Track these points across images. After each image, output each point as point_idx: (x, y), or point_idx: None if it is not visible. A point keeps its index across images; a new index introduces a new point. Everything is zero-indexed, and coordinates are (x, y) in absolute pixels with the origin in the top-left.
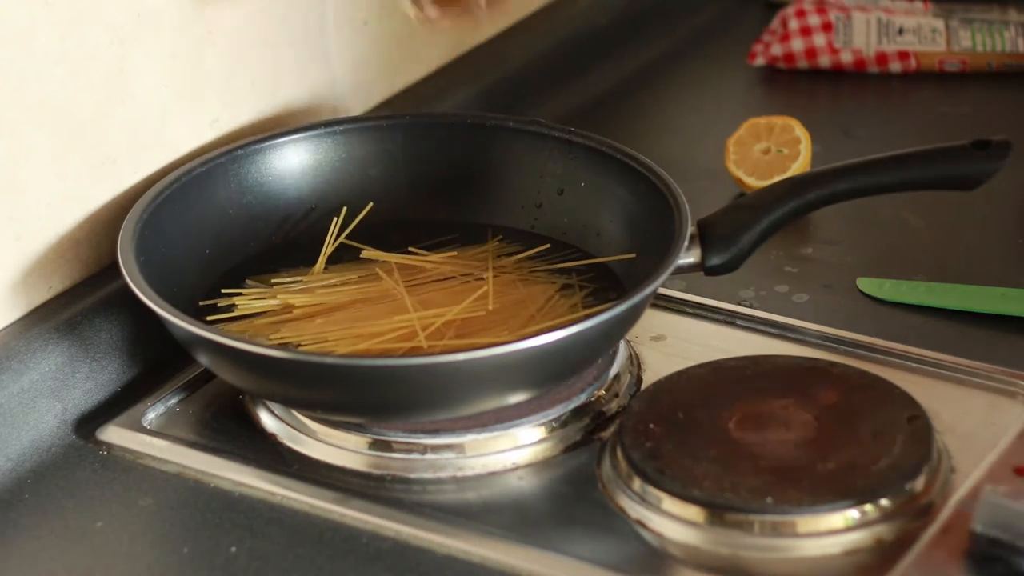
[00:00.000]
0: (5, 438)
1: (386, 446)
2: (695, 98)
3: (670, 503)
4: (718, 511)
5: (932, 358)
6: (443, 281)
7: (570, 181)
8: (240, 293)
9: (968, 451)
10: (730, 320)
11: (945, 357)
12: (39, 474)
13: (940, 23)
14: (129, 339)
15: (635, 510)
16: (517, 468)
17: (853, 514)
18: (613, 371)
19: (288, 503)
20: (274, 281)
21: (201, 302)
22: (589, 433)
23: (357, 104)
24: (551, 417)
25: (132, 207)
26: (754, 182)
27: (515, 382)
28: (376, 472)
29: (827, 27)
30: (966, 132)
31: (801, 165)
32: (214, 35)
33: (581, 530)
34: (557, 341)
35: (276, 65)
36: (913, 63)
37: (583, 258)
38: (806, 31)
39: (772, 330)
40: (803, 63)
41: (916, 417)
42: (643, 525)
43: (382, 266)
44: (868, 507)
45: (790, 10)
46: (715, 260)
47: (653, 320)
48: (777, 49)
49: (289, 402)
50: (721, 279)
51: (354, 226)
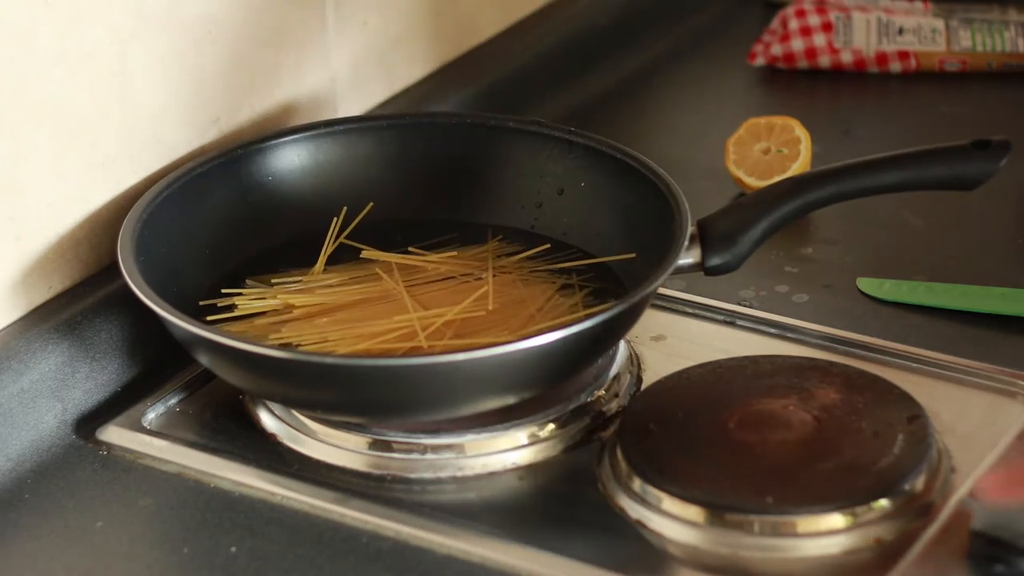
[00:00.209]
0: (5, 438)
1: (386, 446)
2: (695, 98)
3: (670, 503)
4: (718, 511)
5: (932, 358)
6: (443, 281)
7: (570, 181)
8: (240, 293)
9: (968, 451)
10: (730, 320)
11: (945, 357)
12: (39, 474)
13: (940, 23)
14: (129, 339)
15: (635, 510)
16: (517, 468)
17: (853, 514)
18: (613, 371)
19: (288, 503)
20: (274, 281)
21: (201, 302)
22: (589, 433)
23: (357, 104)
24: (551, 417)
25: (132, 207)
26: (754, 182)
27: (515, 382)
28: (376, 472)
29: (827, 27)
30: (966, 132)
31: (801, 165)
32: (214, 35)
33: (581, 530)
34: (557, 341)
35: (276, 65)
36: (913, 63)
37: (583, 258)
38: (806, 31)
39: (772, 330)
40: (803, 63)
41: (916, 417)
42: (643, 525)
43: (382, 266)
44: (868, 507)
45: (790, 10)
46: (715, 260)
47: (653, 320)
48: (777, 49)
49: (289, 402)
50: (721, 279)
51: (354, 226)
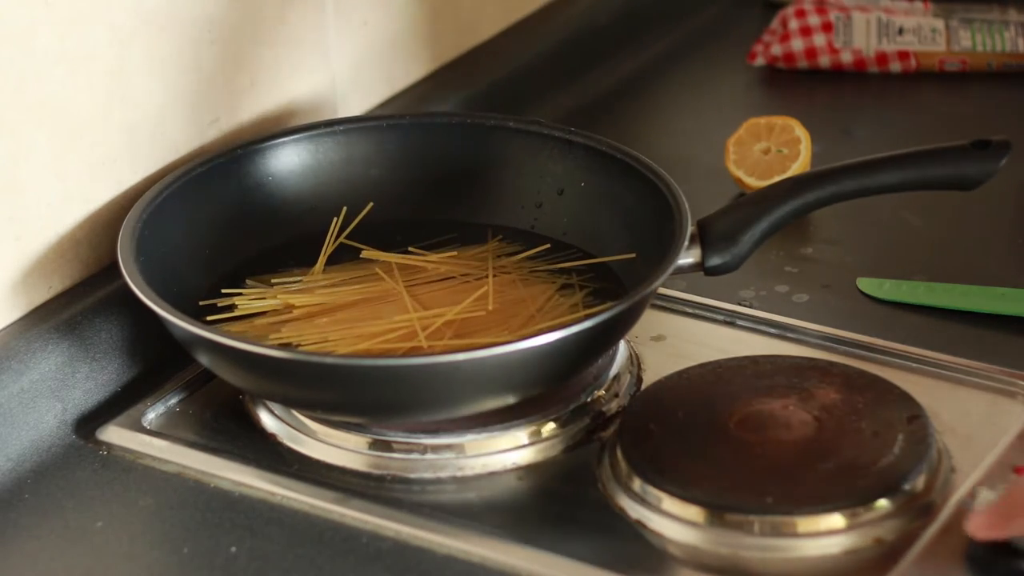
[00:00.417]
0: (5, 438)
1: (386, 446)
2: (695, 98)
3: (670, 503)
4: (718, 511)
5: (932, 358)
6: (443, 281)
7: (570, 181)
8: (240, 293)
9: (968, 451)
10: (730, 320)
11: (945, 357)
12: (39, 474)
13: (940, 23)
14: (129, 339)
15: (635, 510)
16: (517, 468)
17: (853, 514)
18: (613, 371)
19: (288, 503)
20: (274, 281)
21: (201, 302)
22: (589, 433)
23: (357, 104)
24: (551, 417)
25: (132, 207)
26: (754, 182)
27: (515, 382)
28: (376, 472)
29: (827, 27)
30: (966, 132)
31: (801, 165)
32: (214, 35)
33: (581, 530)
34: (557, 341)
35: (276, 65)
36: (913, 63)
37: (583, 258)
38: (806, 31)
39: (772, 330)
40: (803, 63)
41: (916, 417)
42: (643, 525)
43: (382, 266)
44: (868, 507)
45: (790, 10)
46: (715, 260)
47: (653, 320)
48: (777, 49)
49: (289, 402)
50: (721, 279)
51: (354, 226)
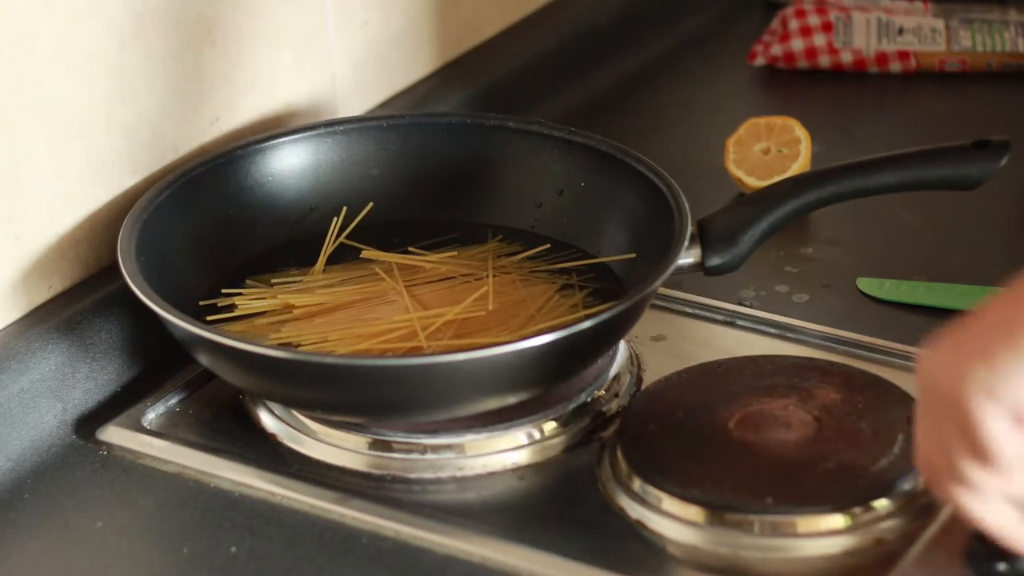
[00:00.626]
0: (5, 438)
1: (386, 446)
2: (695, 98)
3: (670, 503)
4: (718, 511)
5: None
6: (443, 281)
7: (570, 181)
8: (240, 293)
9: None
10: (730, 320)
11: None
12: (39, 474)
13: (940, 23)
14: (129, 339)
15: (635, 510)
16: (517, 468)
17: (853, 514)
18: (613, 371)
19: (288, 503)
20: (274, 281)
21: (201, 302)
22: (589, 433)
23: (357, 104)
24: (551, 417)
25: (132, 207)
26: (754, 182)
27: (515, 382)
28: (376, 472)
29: (827, 27)
30: (966, 132)
31: (801, 165)
32: (214, 35)
33: (581, 530)
34: (557, 341)
35: (276, 65)
36: (913, 63)
37: (583, 258)
38: (806, 31)
39: (772, 330)
40: (803, 63)
41: None
42: (643, 525)
43: (382, 266)
44: (868, 507)
45: (790, 10)
46: (715, 260)
47: (653, 320)
48: (777, 49)
49: (289, 402)
50: (721, 279)
51: (354, 226)
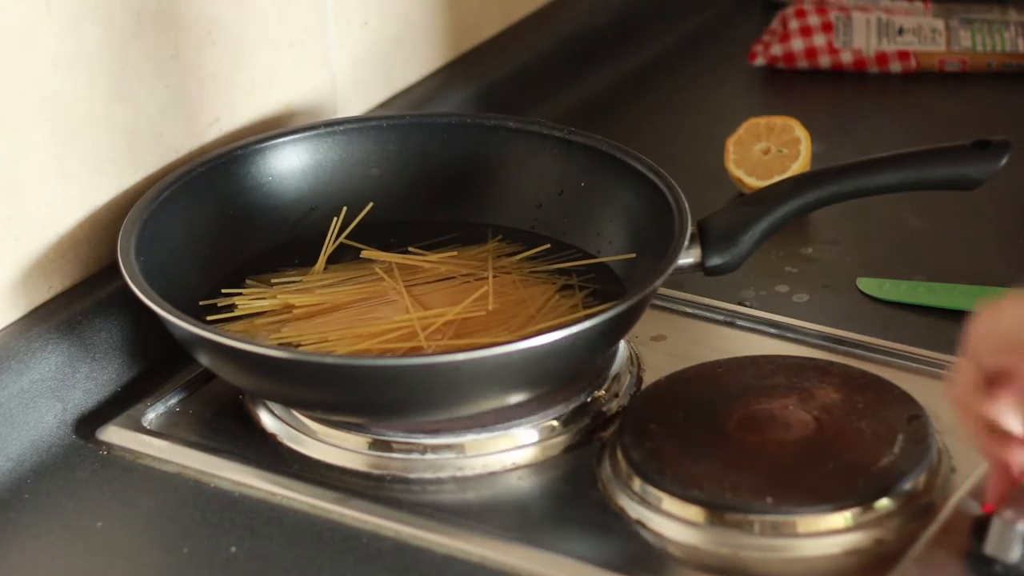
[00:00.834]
0: (5, 438)
1: (386, 446)
2: (695, 98)
3: (670, 503)
4: (718, 511)
5: (932, 358)
6: (443, 281)
7: (570, 181)
8: (240, 293)
9: (968, 451)
10: (730, 320)
11: (945, 357)
12: (39, 474)
13: (940, 23)
14: (129, 339)
15: (635, 510)
16: (517, 468)
17: (853, 514)
18: (613, 371)
19: (288, 503)
20: (274, 281)
21: (201, 302)
22: (589, 433)
23: (357, 104)
24: (551, 417)
25: (132, 207)
26: (754, 182)
27: (515, 382)
28: (376, 472)
29: (827, 27)
30: (966, 132)
31: (801, 165)
32: (214, 35)
33: (581, 530)
34: (557, 341)
35: (276, 65)
36: (913, 63)
37: (583, 258)
38: (806, 31)
39: (772, 330)
40: (803, 63)
41: (916, 417)
42: (643, 525)
43: (382, 266)
44: (868, 507)
45: (790, 10)
46: (715, 260)
47: (653, 320)
48: (777, 49)
49: (289, 402)
50: (721, 279)
51: (354, 226)
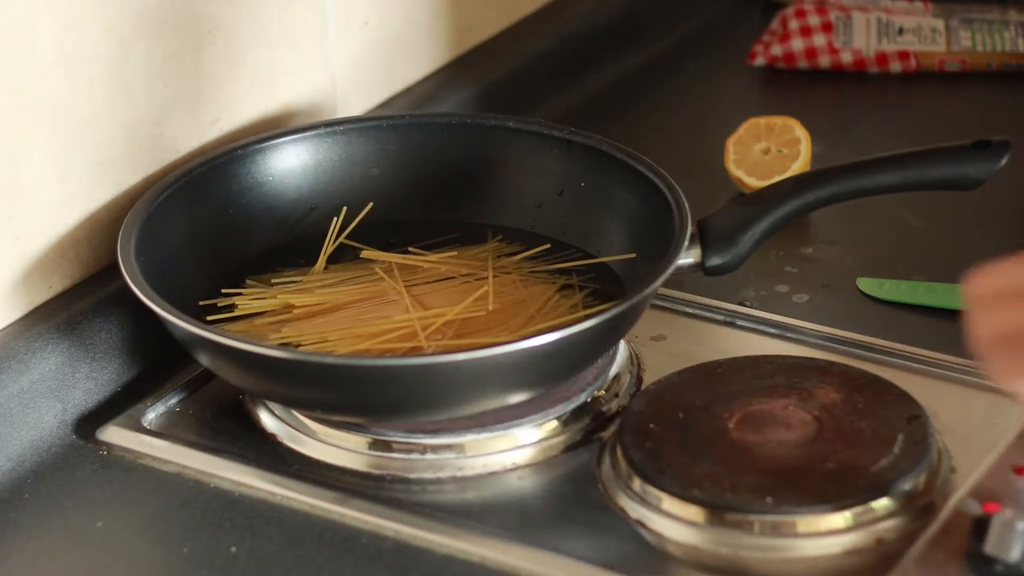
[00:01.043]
0: (5, 438)
1: (386, 446)
2: (695, 98)
3: (670, 503)
4: (718, 511)
5: (932, 358)
6: (443, 281)
7: (570, 181)
8: (240, 293)
9: (968, 451)
10: (730, 320)
11: (945, 357)
12: (39, 474)
13: (940, 23)
14: (129, 339)
15: (635, 510)
16: (517, 468)
17: (853, 514)
18: (613, 371)
19: (288, 503)
20: (274, 281)
21: (201, 302)
22: (589, 433)
23: (357, 104)
24: (551, 417)
25: (132, 207)
26: (754, 182)
27: (515, 382)
28: (376, 472)
29: (827, 27)
30: (966, 132)
31: (801, 165)
32: (214, 35)
33: (581, 530)
34: (557, 341)
35: (276, 65)
36: (913, 63)
37: (583, 258)
38: (806, 31)
39: (772, 330)
40: (803, 63)
41: (916, 417)
42: (643, 525)
43: (382, 266)
44: (868, 507)
45: (790, 10)
46: (715, 260)
47: (653, 320)
48: (777, 49)
49: (289, 402)
50: (721, 279)
51: (354, 226)
